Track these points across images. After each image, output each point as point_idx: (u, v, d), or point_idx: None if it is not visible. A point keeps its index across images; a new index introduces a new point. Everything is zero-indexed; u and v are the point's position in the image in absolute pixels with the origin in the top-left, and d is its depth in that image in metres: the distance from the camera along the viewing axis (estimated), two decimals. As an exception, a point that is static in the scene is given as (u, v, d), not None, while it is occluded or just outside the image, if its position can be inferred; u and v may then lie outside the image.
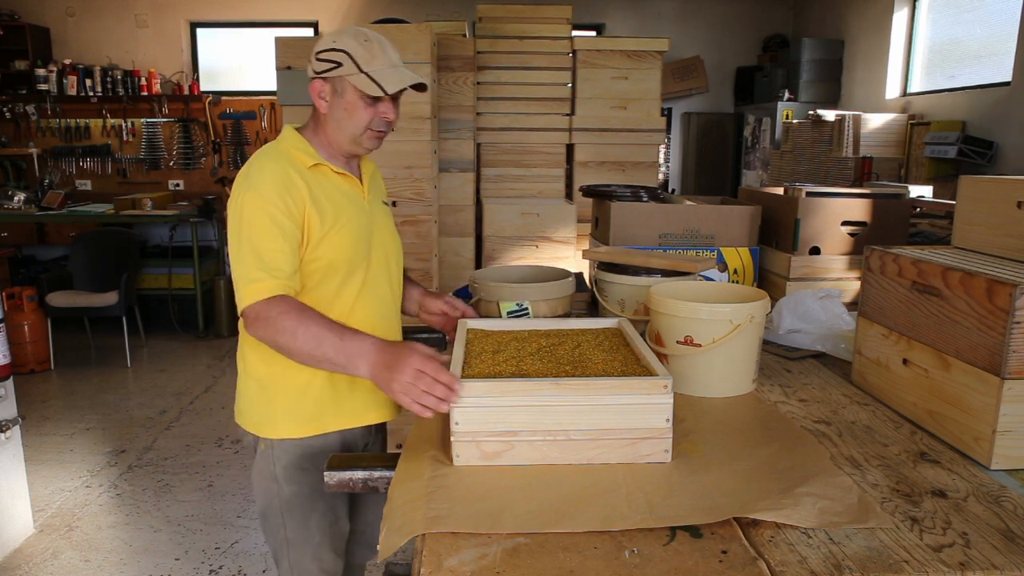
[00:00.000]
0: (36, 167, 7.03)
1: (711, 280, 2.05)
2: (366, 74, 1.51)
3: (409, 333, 2.04)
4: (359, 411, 1.67)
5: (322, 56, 1.54)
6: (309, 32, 7.24)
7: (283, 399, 1.60)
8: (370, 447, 1.79)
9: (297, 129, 1.63)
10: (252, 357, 1.62)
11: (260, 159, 1.55)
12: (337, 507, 1.69)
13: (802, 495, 1.10)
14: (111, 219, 6.02)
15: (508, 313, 1.84)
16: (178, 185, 7.23)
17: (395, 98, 1.58)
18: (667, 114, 7.45)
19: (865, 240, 2.22)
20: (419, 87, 1.59)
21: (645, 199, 2.46)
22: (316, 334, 1.38)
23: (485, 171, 3.86)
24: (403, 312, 1.85)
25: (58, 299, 5.15)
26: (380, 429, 1.81)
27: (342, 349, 1.36)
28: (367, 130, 1.57)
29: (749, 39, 7.44)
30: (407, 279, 1.88)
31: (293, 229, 1.48)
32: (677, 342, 1.56)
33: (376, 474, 1.32)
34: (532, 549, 0.98)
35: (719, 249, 2.30)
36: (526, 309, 1.85)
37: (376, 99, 1.54)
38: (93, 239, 5.67)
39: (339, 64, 1.51)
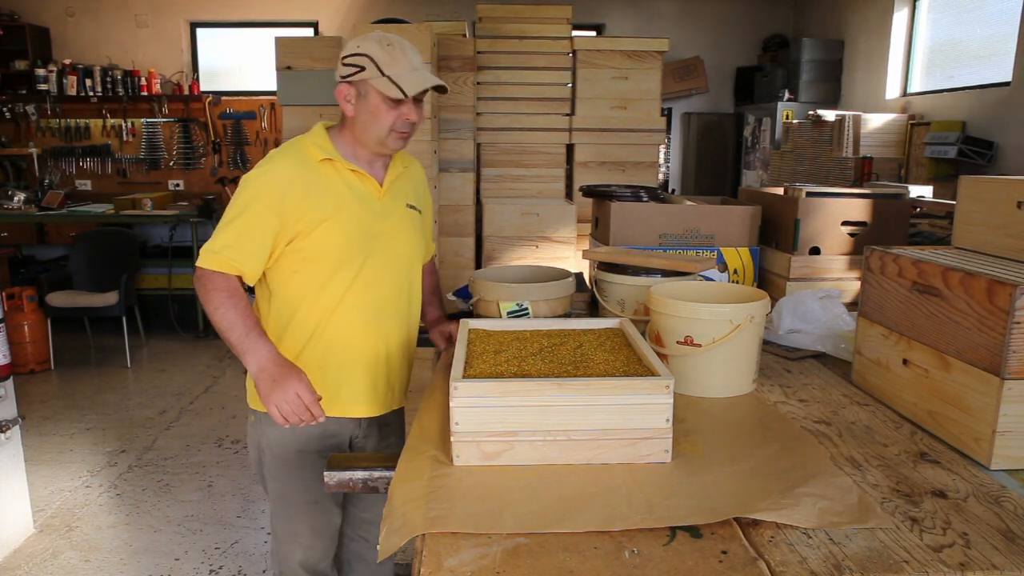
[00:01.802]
0: (36, 167, 7.04)
1: (711, 280, 2.05)
2: (387, 77, 1.57)
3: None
4: (346, 403, 1.74)
5: (347, 61, 1.60)
6: (309, 32, 7.24)
7: None
8: (358, 441, 1.82)
9: (329, 127, 1.71)
10: None
11: (276, 153, 1.65)
12: (318, 488, 1.75)
13: (802, 495, 1.10)
14: (111, 219, 6.02)
15: (508, 313, 1.84)
16: (178, 185, 7.23)
17: (417, 100, 1.64)
18: (667, 114, 7.45)
19: (865, 240, 2.22)
20: (440, 89, 1.64)
21: (645, 199, 2.46)
22: (231, 319, 1.55)
23: (485, 171, 3.86)
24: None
25: (58, 299, 5.15)
26: (373, 424, 1.83)
27: (242, 341, 1.54)
28: (391, 131, 1.62)
29: (749, 39, 7.44)
30: (431, 294, 1.97)
31: (271, 221, 1.58)
32: (677, 342, 1.56)
33: (376, 474, 1.32)
34: (532, 549, 0.98)
35: (719, 249, 2.30)
36: (526, 309, 1.85)
37: (398, 102, 1.60)
38: (93, 239, 5.66)
39: (362, 68, 1.58)
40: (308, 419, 1.50)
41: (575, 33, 3.87)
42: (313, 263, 1.63)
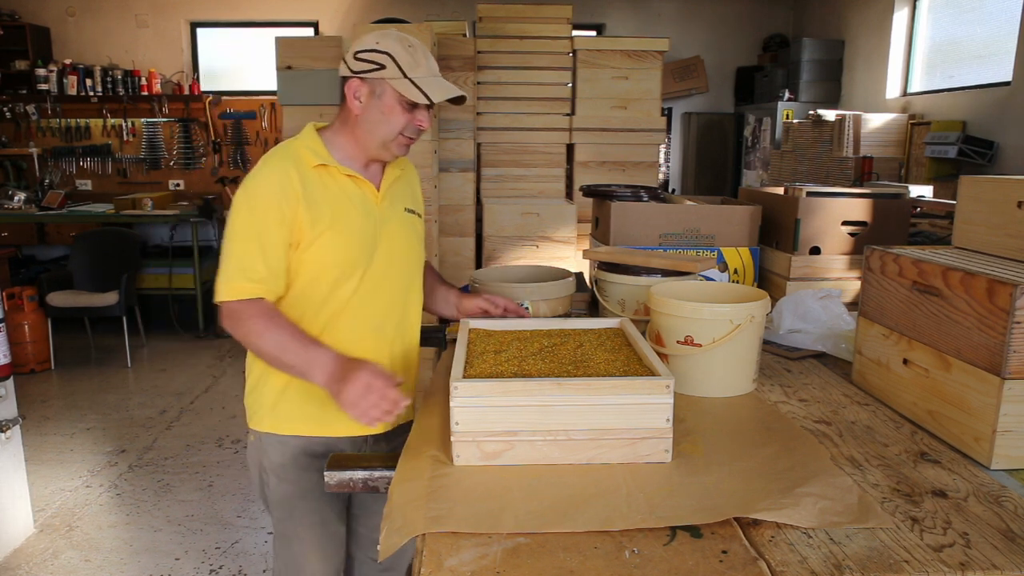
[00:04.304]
0: (36, 167, 7.03)
1: (711, 280, 2.05)
2: (410, 80, 1.49)
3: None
4: (345, 420, 1.56)
5: (362, 56, 1.51)
6: (309, 32, 7.24)
7: (267, 395, 1.62)
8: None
9: (320, 128, 1.62)
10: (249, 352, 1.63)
11: (268, 159, 1.54)
12: (324, 509, 1.68)
13: (802, 495, 1.10)
14: (111, 219, 6.02)
15: (508, 313, 1.84)
16: (178, 185, 7.22)
17: (430, 107, 1.56)
18: (667, 114, 7.45)
19: (865, 240, 2.22)
20: (459, 100, 1.56)
21: (645, 199, 2.46)
22: (280, 340, 1.44)
23: (485, 171, 3.86)
24: (438, 314, 1.88)
25: (58, 299, 5.15)
26: (380, 439, 1.74)
27: (304, 358, 1.43)
28: (399, 136, 1.54)
29: (749, 39, 7.44)
30: (441, 282, 1.90)
31: (279, 232, 1.48)
32: (677, 342, 1.56)
33: (376, 474, 1.32)
34: (532, 549, 0.98)
35: (719, 249, 2.30)
36: (526, 309, 1.84)
37: (414, 105, 1.52)
38: (93, 239, 5.67)
39: (381, 66, 1.49)
40: (390, 407, 1.34)
41: (575, 33, 3.87)
42: (312, 276, 1.54)
